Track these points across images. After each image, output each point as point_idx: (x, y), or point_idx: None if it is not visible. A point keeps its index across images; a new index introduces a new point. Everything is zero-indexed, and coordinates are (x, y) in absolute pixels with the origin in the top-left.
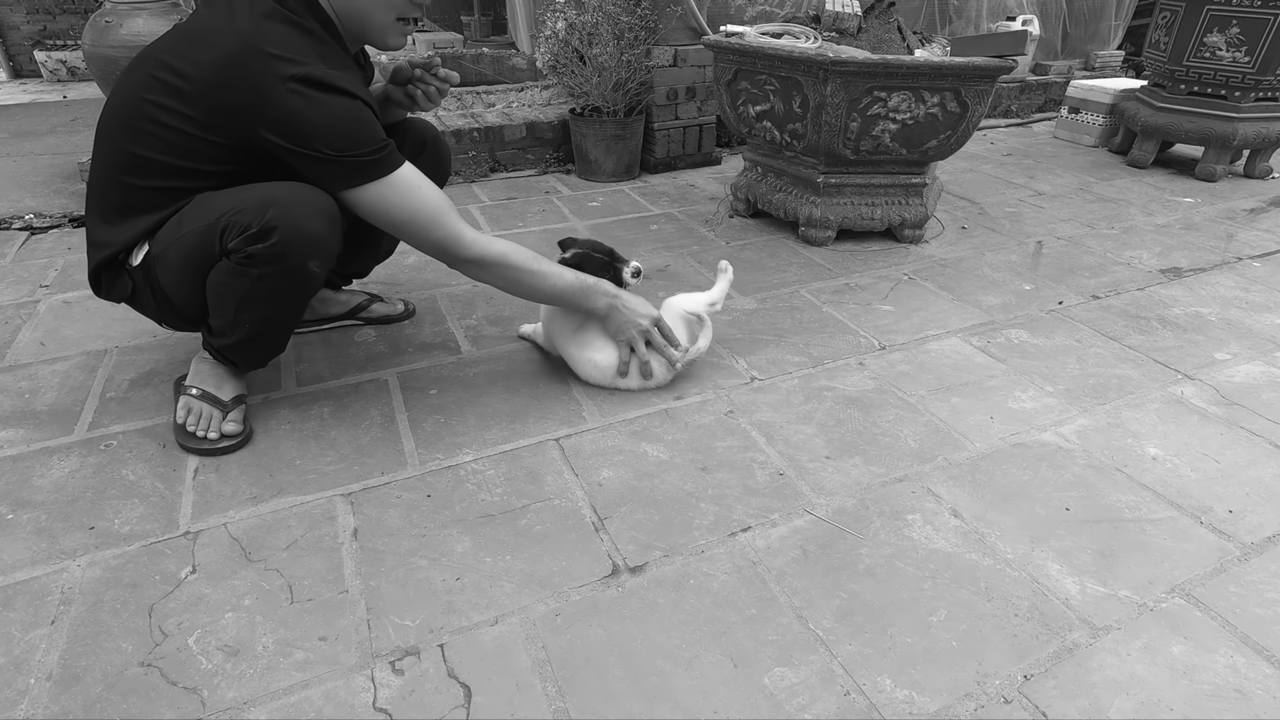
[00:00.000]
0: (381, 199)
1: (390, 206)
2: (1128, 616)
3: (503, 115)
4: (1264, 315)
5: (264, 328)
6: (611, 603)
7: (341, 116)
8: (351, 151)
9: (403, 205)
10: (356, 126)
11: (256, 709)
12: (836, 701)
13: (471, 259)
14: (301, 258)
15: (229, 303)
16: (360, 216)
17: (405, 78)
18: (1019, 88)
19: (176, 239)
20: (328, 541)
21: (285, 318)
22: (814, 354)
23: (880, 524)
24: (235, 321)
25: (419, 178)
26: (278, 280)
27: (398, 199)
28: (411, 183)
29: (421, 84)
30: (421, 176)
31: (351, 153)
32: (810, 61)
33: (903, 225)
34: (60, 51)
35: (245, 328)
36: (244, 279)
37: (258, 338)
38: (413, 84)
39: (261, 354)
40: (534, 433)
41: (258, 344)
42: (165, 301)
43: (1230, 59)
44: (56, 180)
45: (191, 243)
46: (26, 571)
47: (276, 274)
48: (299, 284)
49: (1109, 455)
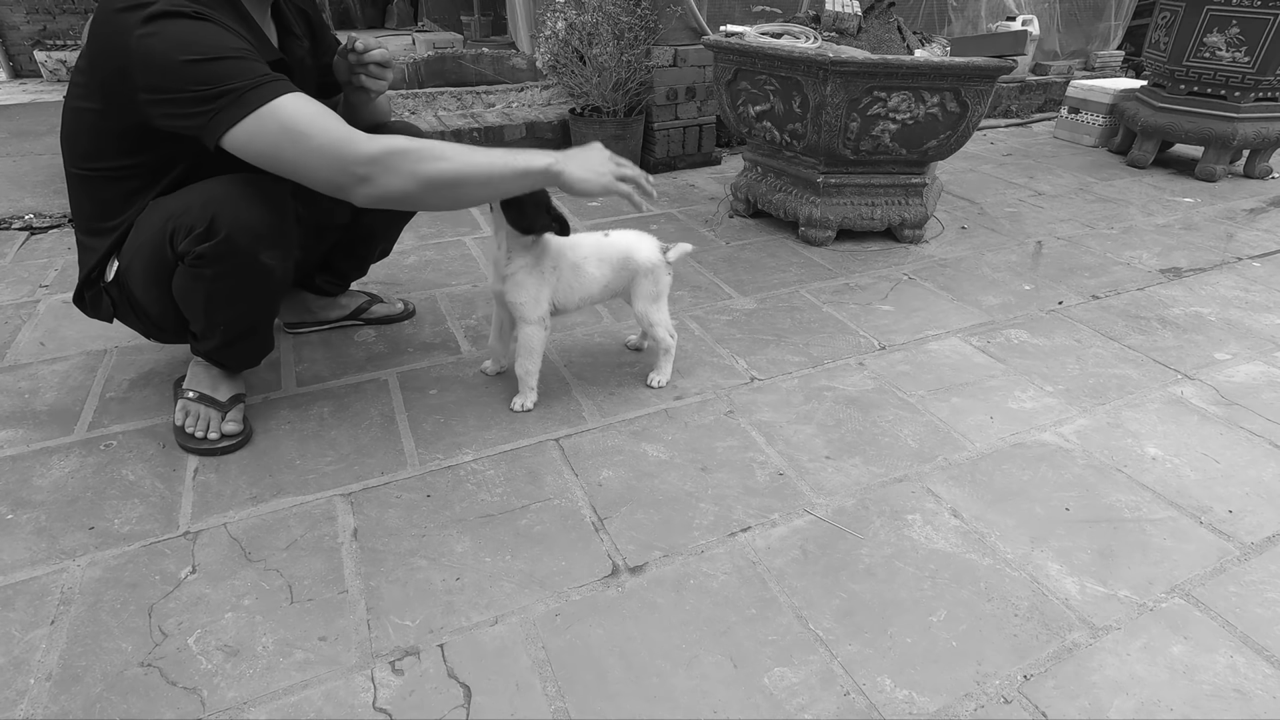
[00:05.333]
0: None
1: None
2: (1128, 616)
3: (503, 115)
4: (1264, 315)
5: (239, 328)
6: (611, 603)
7: (192, 42)
8: (222, 81)
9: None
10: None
11: (256, 709)
12: (836, 701)
13: (373, 155)
14: (251, 251)
15: (196, 307)
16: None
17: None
18: (1019, 88)
19: (136, 250)
20: (328, 541)
21: (257, 315)
22: (814, 354)
23: (880, 524)
24: (209, 325)
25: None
26: (234, 278)
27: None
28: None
29: (358, 69)
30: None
31: (223, 83)
32: (810, 61)
33: (902, 225)
34: (60, 51)
35: (221, 330)
36: (200, 281)
37: (236, 339)
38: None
39: (248, 354)
40: (534, 433)
41: (239, 345)
42: (145, 315)
43: (1230, 59)
44: (56, 180)
45: (147, 252)
46: (26, 571)
47: (230, 271)
48: (257, 279)
49: (1109, 455)
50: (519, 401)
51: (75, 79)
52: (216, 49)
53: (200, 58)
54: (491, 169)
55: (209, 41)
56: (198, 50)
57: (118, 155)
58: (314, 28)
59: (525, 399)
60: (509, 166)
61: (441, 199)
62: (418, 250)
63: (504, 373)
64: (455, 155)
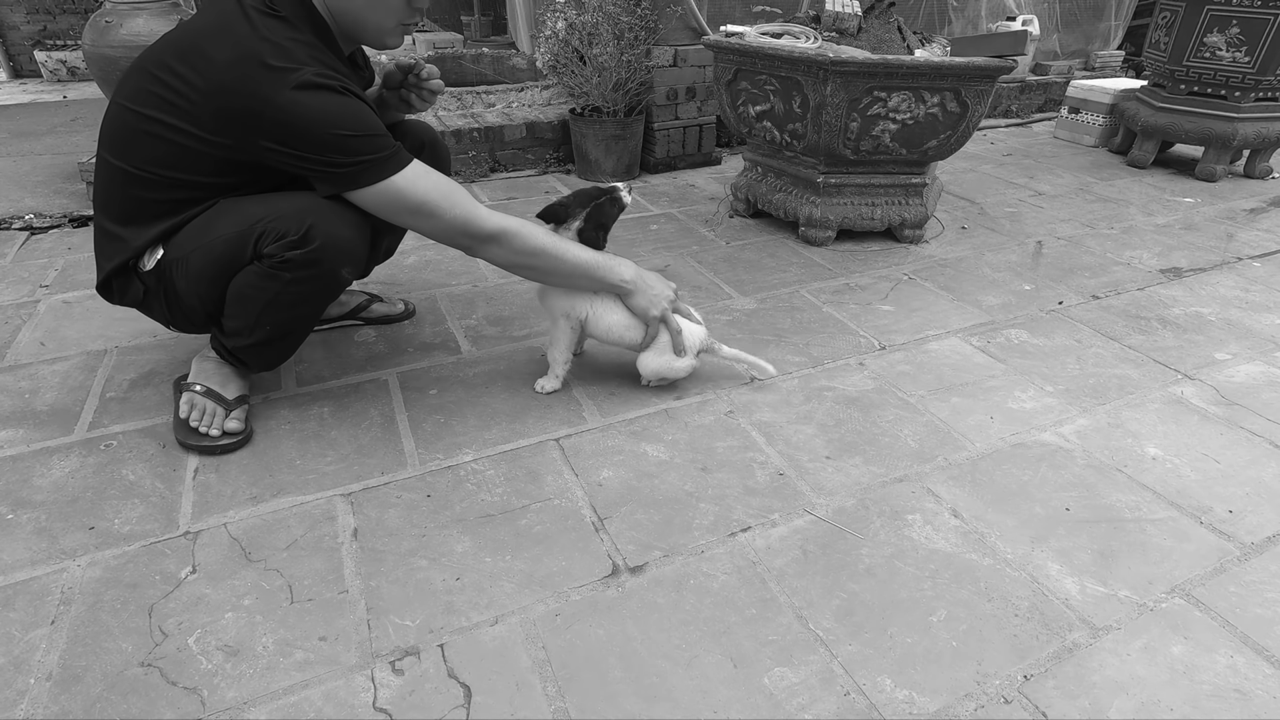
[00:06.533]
0: (397, 193)
1: (404, 198)
2: (1128, 616)
3: (503, 115)
4: (1264, 315)
5: (284, 330)
6: (611, 603)
7: (341, 118)
8: (360, 153)
9: (415, 193)
10: (358, 125)
11: (256, 709)
12: (836, 701)
13: (491, 233)
14: (335, 264)
15: (254, 305)
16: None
17: (396, 83)
18: (1019, 88)
19: (202, 244)
20: (328, 541)
21: (306, 321)
22: (814, 354)
23: (880, 524)
24: (256, 323)
25: (425, 168)
26: (309, 285)
27: (411, 190)
28: (421, 173)
29: (414, 89)
30: (426, 166)
31: (361, 155)
32: (810, 61)
33: (903, 225)
34: (60, 51)
35: (265, 329)
36: (275, 282)
37: (275, 340)
38: (404, 89)
39: (276, 355)
40: (534, 433)
41: (274, 346)
42: (178, 305)
43: (1230, 59)
44: (56, 180)
45: (220, 248)
46: (26, 571)
47: (309, 279)
48: (328, 289)
49: (1109, 455)
50: (540, 383)
51: (165, 94)
52: (358, 127)
53: (347, 134)
54: (576, 271)
55: (352, 118)
56: (344, 127)
57: (197, 172)
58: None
59: (547, 382)
60: (591, 276)
61: (528, 275)
62: (418, 250)
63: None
64: (553, 249)
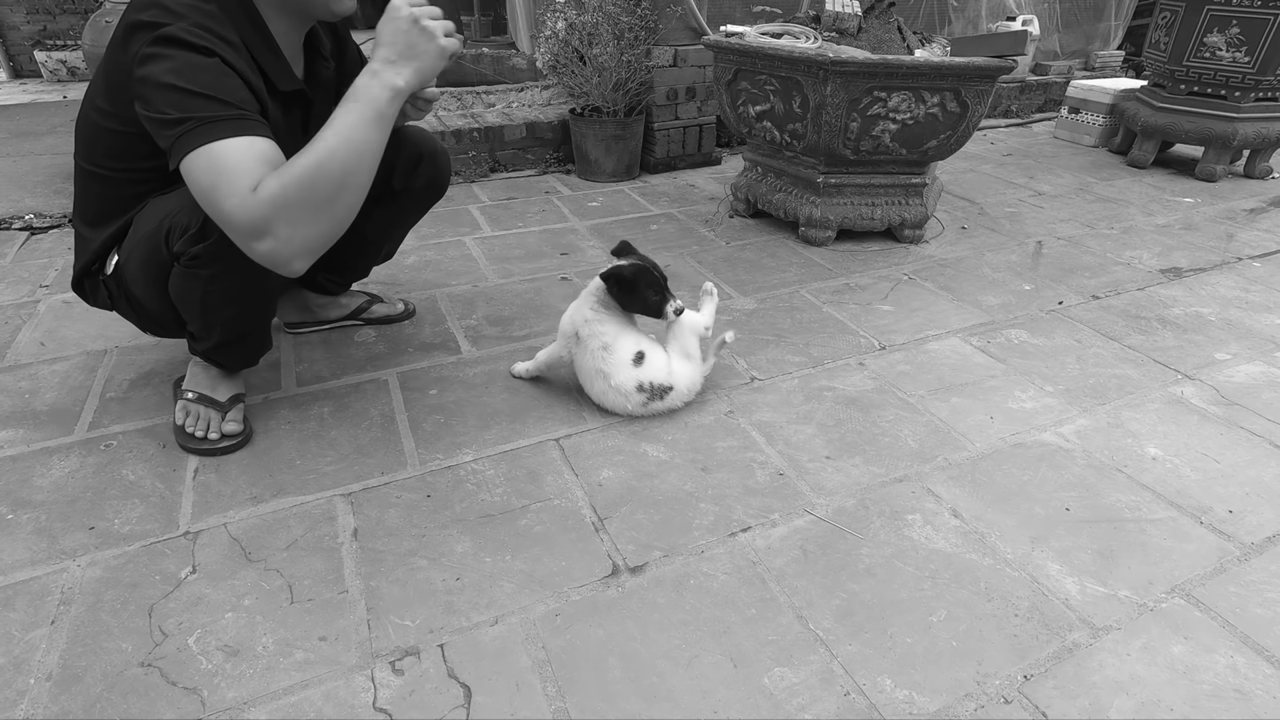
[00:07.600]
0: (205, 162)
1: (200, 174)
2: (1128, 616)
3: (503, 115)
4: (1264, 315)
5: (236, 328)
6: (611, 603)
7: (185, 71)
8: (193, 111)
9: (212, 170)
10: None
11: (256, 709)
12: (836, 701)
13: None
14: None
15: (193, 307)
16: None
17: None
18: (1019, 88)
19: (133, 246)
20: (328, 541)
21: (254, 316)
22: (814, 354)
23: (880, 524)
24: (206, 325)
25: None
26: (229, 279)
27: (202, 168)
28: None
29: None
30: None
31: (193, 113)
32: (810, 61)
33: (903, 225)
34: (60, 51)
35: (218, 330)
36: (196, 281)
37: (234, 340)
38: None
39: (246, 354)
40: (534, 433)
41: (237, 345)
42: (141, 310)
43: (1230, 59)
44: (56, 180)
45: (144, 249)
46: (26, 571)
47: (225, 272)
48: (253, 281)
49: (1109, 455)
50: (517, 365)
51: (95, 79)
52: (203, 84)
53: (186, 87)
54: (359, 136)
55: (203, 79)
56: (187, 80)
57: (134, 157)
58: (340, 41)
59: (520, 365)
60: (366, 126)
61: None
62: (418, 250)
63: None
64: (330, 149)
